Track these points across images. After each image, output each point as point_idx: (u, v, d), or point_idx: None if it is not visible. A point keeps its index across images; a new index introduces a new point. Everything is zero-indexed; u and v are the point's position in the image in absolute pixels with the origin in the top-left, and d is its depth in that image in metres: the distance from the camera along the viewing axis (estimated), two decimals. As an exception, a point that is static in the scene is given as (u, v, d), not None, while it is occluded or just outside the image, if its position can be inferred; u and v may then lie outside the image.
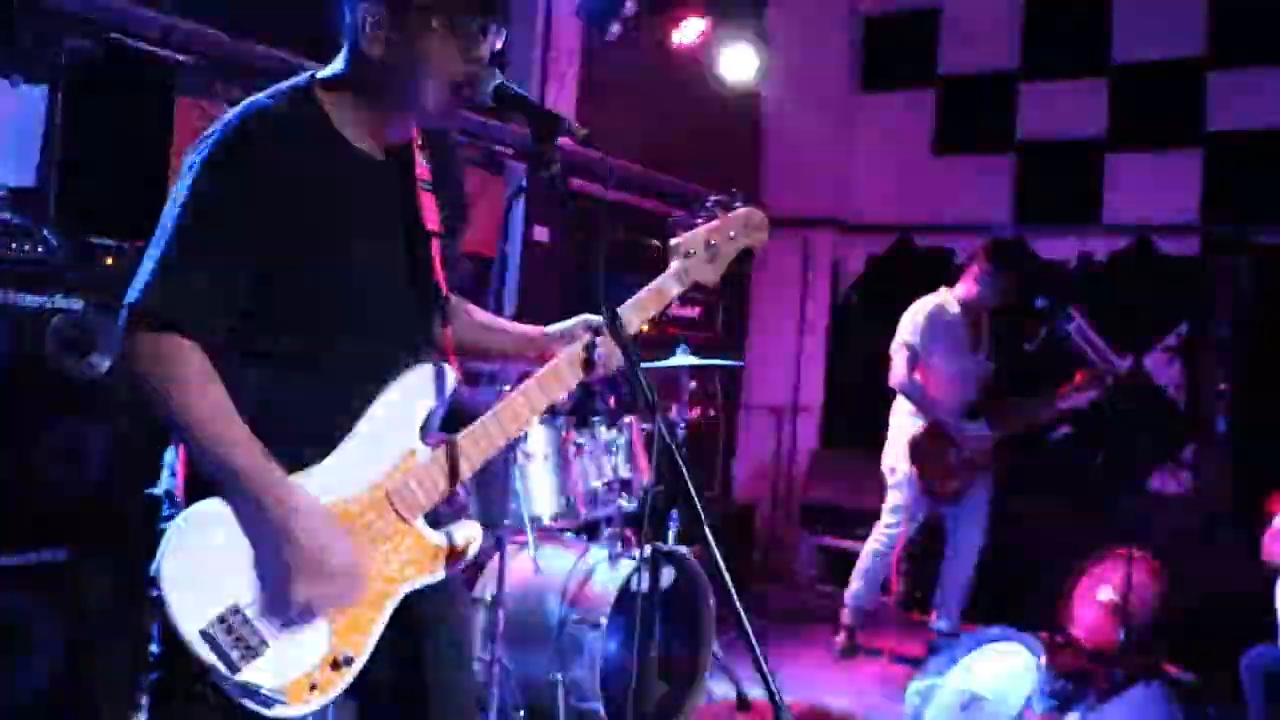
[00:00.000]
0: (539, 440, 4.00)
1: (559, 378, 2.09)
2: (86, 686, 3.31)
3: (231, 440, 1.77)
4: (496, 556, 3.69)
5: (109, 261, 3.60)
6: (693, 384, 4.72)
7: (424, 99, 1.90)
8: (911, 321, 5.27)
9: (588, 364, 2.10)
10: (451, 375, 2.02)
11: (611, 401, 4.40)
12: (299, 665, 1.82)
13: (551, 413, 4.38)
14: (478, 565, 4.08)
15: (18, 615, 3.26)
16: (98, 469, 3.39)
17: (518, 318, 6.11)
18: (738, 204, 2.40)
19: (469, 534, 2.03)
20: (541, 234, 6.20)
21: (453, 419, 2.09)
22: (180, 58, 4.23)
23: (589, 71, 6.38)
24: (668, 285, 2.26)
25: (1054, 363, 6.24)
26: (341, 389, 1.91)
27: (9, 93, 3.94)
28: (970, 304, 5.33)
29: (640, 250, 7.18)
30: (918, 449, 5.20)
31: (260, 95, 1.93)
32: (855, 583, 5.50)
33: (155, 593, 1.75)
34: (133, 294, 1.79)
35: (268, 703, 1.78)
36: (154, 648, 1.84)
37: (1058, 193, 6.97)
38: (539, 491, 3.96)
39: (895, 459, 5.33)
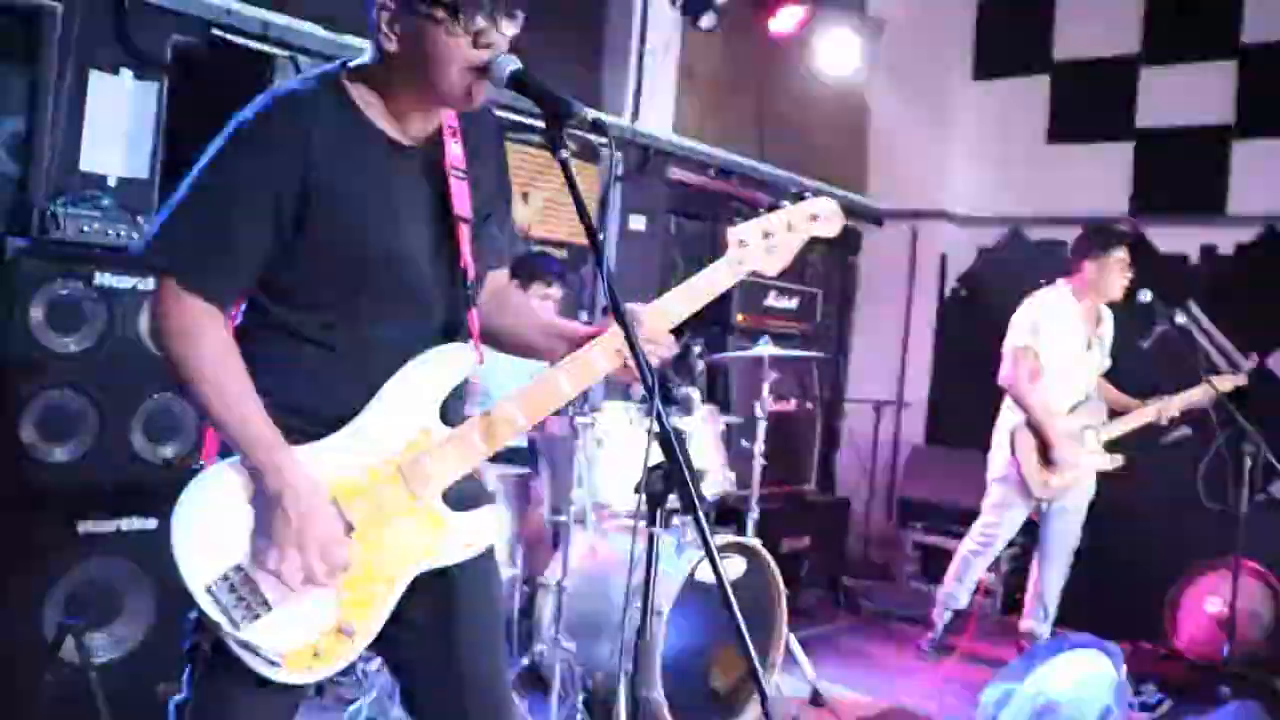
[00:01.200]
0: (610, 427, 4.03)
1: (589, 367, 2.08)
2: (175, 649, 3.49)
3: (240, 408, 1.84)
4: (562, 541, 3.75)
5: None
6: (774, 375, 4.67)
7: (440, 89, 1.93)
8: (1027, 319, 5.10)
9: (620, 354, 2.06)
10: (472, 356, 2.04)
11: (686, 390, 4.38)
12: (303, 632, 1.86)
13: (625, 399, 4.43)
14: (549, 548, 4.15)
15: (112, 580, 3.46)
16: (188, 439, 3.57)
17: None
18: (806, 195, 2.39)
19: (485, 518, 2.05)
20: (638, 223, 6.24)
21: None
22: (279, 52, 4.40)
23: (687, 61, 6.38)
24: (717, 274, 2.24)
25: (1171, 359, 5.98)
26: (362, 366, 1.95)
27: (121, 87, 4.15)
28: (1085, 297, 5.14)
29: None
30: (1021, 446, 5.05)
31: (293, 79, 2.00)
32: (949, 582, 5.39)
33: (172, 549, 1.83)
34: (150, 251, 1.88)
35: (269, 663, 1.83)
36: (192, 613, 1.92)
37: (1179, 182, 6.69)
38: (609, 478, 3.99)
39: (999, 454, 5.19)
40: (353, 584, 1.90)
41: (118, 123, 4.11)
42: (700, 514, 1.74)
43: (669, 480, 1.80)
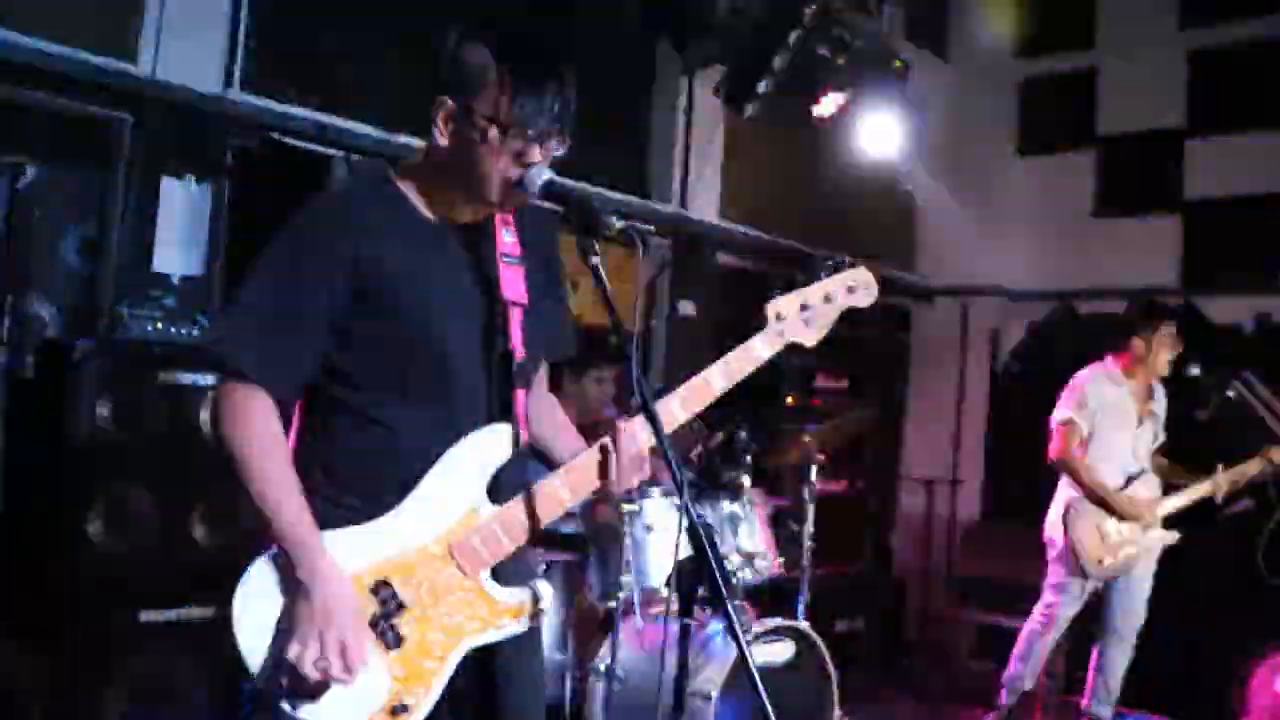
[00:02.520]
0: (658, 512, 4.05)
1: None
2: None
3: (277, 496, 1.92)
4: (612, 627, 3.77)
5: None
6: (821, 456, 4.68)
7: (477, 191, 2.04)
8: (1074, 395, 5.07)
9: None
10: (520, 437, 2.09)
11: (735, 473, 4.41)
12: (358, 710, 1.92)
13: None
14: (599, 634, 4.16)
15: (173, 669, 3.54)
16: (247, 530, 3.66)
17: (665, 391, 6.23)
18: (844, 265, 2.43)
19: (535, 594, 2.08)
20: (687, 308, 6.32)
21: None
22: (333, 152, 4.58)
23: (733, 148, 6.50)
24: (755, 348, 2.30)
25: (1230, 433, 5.89)
26: (413, 445, 2.01)
27: (183, 190, 4.35)
28: (1135, 372, 5.11)
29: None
30: (1076, 523, 4.99)
31: (342, 180, 2.13)
32: (1014, 664, 5.27)
33: (229, 633, 1.91)
34: (214, 347, 2.00)
35: None
36: (246, 685, 1.97)
37: (1230, 252, 6.65)
38: (657, 564, 4.01)
39: (1055, 532, 5.13)
40: (405, 661, 1.96)
41: (182, 224, 4.30)
42: (729, 604, 1.77)
43: (699, 572, 1.84)
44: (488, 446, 2.05)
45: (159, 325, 3.73)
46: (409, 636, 1.96)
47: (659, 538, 4.02)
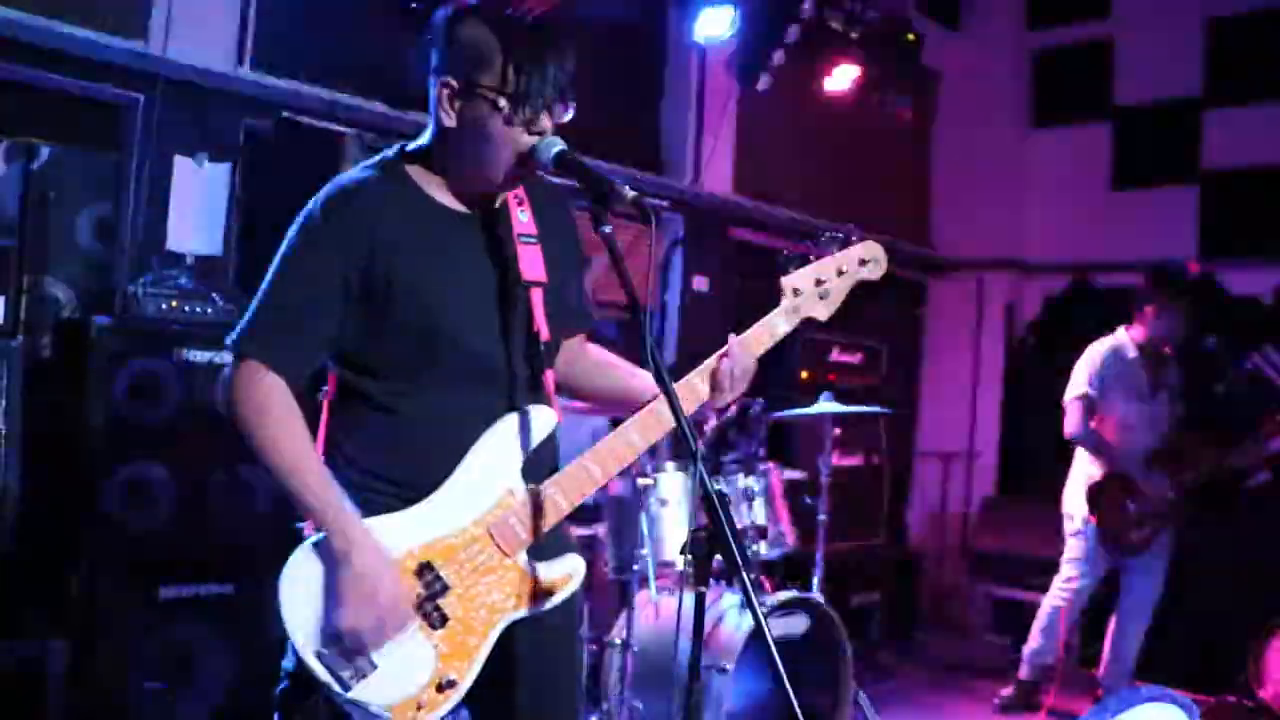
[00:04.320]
0: (673, 486, 4.07)
1: (659, 420, 2.13)
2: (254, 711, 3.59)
3: (302, 472, 1.95)
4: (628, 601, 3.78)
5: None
6: (838, 431, 4.68)
7: (490, 167, 2.04)
8: (1086, 368, 5.05)
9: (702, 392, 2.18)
10: (552, 417, 2.13)
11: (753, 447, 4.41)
12: (407, 686, 1.97)
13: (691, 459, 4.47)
14: (616, 606, 4.18)
15: (192, 644, 3.57)
16: (264, 506, 3.69)
17: (678, 367, 6.26)
18: (853, 238, 2.44)
19: (570, 567, 2.14)
20: (701, 284, 6.31)
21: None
22: (345, 130, 4.57)
23: (746, 123, 6.48)
24: (775, 323, 2.32)
25: (1250, 404, 5.87)
26: (444, 432, 2.04)
27: (198, 170, 4.36)
28: (1148, 344, 5.07)
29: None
30: (1097, 497, 4.97)
31: (353, 169, 2.12)
32: (1035, 638, 5.27)
33: (280, 617, 1.94)
34: (231, 336, 2.02)
35: (378, 718, 1.94)
36: (286, 664, 2.03)
37: (1249, 223, 6.59)
38: (673, 537, 4.02)
39: (1074, 507, 5.11)
40: (450, 638, 2.01)
41: (195, 204, 4.32)
42: (744, 574, 1.78)
43: (713, 541, 1.84)
44: (521, 428, 2.08)
45: (174, 304, 3.74)
46: (453, 615, 2.01)
47: (674, 511, 4.04)
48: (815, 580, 4.51)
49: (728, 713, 3.67)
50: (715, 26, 5.70)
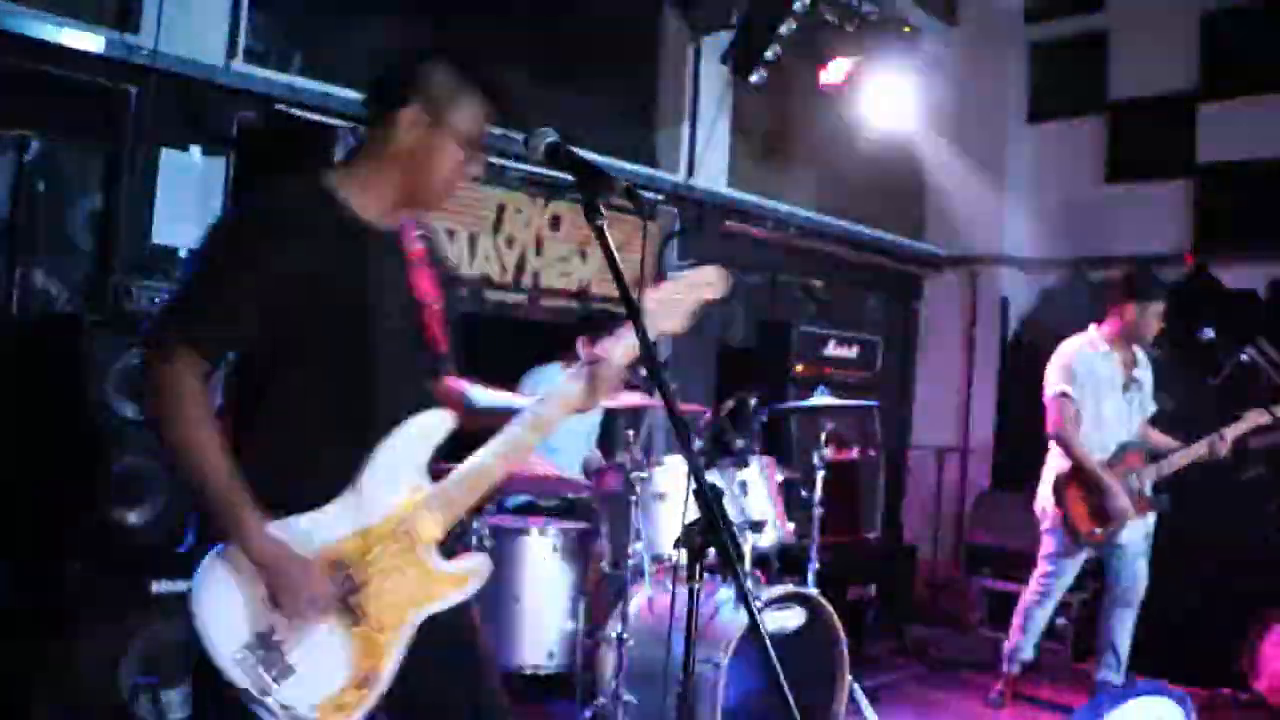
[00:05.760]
0: (668, 480, 4.07)
1: (546, 417, 2.24)
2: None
3: (218, 476, 1.98)
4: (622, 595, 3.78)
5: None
6: (830, 424, 4.68)
7: (432, 193, 2.21)
8: (1059, 368, 5.06)
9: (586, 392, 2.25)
10: (449, 419, 2.22)
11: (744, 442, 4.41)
12: (327, 686, 2.01)
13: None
14: (611, 600, 4.17)
15: (180, 640, 3.55)
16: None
17: (674, 359, 6.21)
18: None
19: (474, 564, 2.23)
20: (695, 278, 6.28)
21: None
22: (338, 123, 4.56)
23: (740, 117, 6.46)
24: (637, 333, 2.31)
25: (1243, 398, 5.86)
26: (354, 436, 2.12)
27: (188, 162, 4.34)
28: (1118, 341, 5.08)
29: (807, 290, 7.20)
30: (1063, 492, 4.98)
31: (276, 179, 2.17)
32: (1014, 634, 5.28)
33: (192, 625, 1.95)
34: (152, 328, 2.08)
35: None
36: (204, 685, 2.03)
37: (1244, 217, 6.59)
38: (668, 531, 4.02)
39: (1046, 503, 5.12)
40: (365, 636, 2.06)
41: (187, 197, 4.30)
42: (739, 568, 1.77)
43: (707, 535, 1.83)
44: (424, 432, 2.18)
45: (166, 298, 3.72)
46: (366, 613, 2.07)
47: (669, 505, 4.03)
48: (810, 574, 4.51)
49: (722, 707, 3.66)
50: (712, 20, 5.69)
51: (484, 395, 2.42)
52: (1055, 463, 5.08)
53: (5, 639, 3.39)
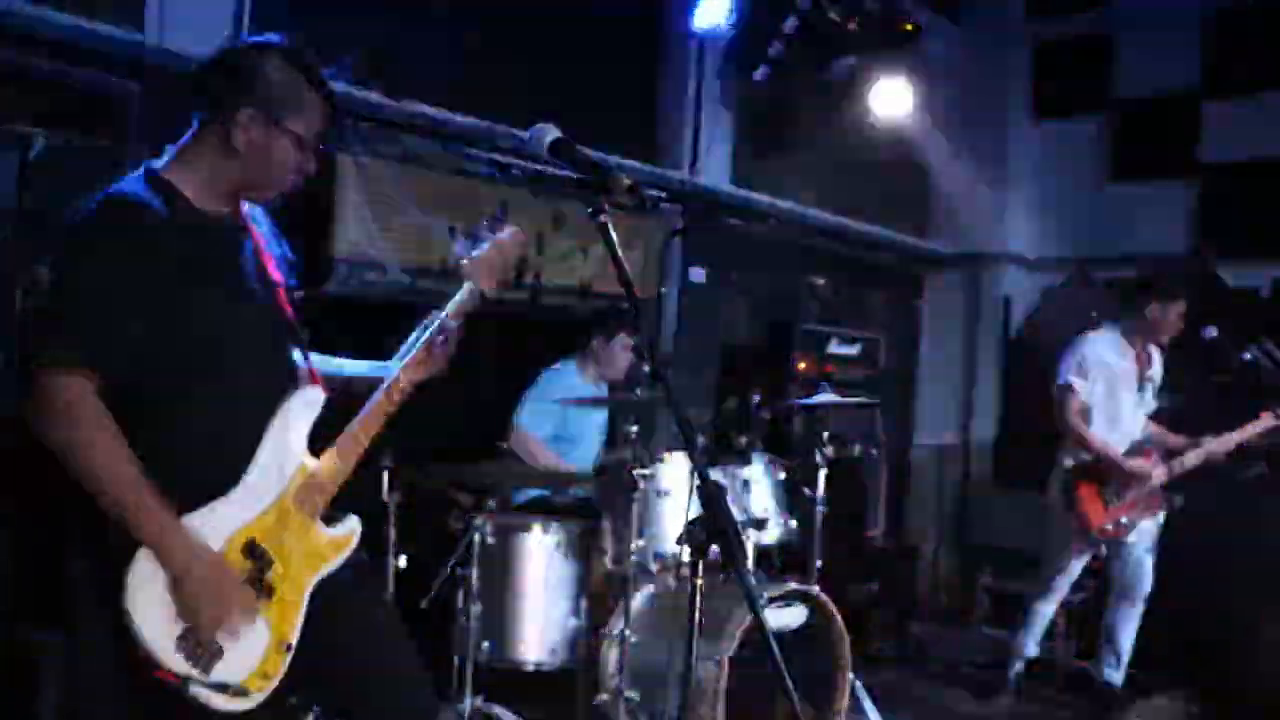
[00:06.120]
0: (672, 476, 4.07)
1: (402, 386, 2.44)
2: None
3: (129, 486, 2.01)
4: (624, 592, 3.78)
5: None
6: (832, 422, 4.68)
7: (272, 186, 2.28)
8: (1072, 360, 5.06)
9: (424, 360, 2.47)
10: (320, 395, 2.34)
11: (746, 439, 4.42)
12: (253, 657, 2.14)
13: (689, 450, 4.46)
14: (614, 597, 4.17)
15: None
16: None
17: (677, 356, 6.22)
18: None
19: (350, 526, 2.39)
20: (698, 275, 6.30)
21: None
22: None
23: (743, 115, 6.46)
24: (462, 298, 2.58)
25: (1246, 397, 5.85)
26: (235, 422, 2.20)
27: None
28: (1135, 338, 5.08)
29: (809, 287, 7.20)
30: (1075, 487, 4.98)
31: (117, 182, 2.18)
32: (1019, 632, 5.29)
33: (128, 623, 2.01)
34: (34, 348, 2.04)
35: (242, 692, 2.10)
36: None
37: (1247, 216, 6.58)
38: (671, 527, 4.02)
39: (1054, 499, 5.13)
40: (277, 605, 2.22)
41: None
42: (741, 565, 1.78)
43: (711, 532, 1.84)
44: (303, 409, 2.31)
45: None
46: (278, 585, 2.21)
47: (673, 502, 4.03)
48: (812, 571, 4.51)
49: (725, 705, 3.66)
50: (713, 16, 5.69)
51: (341, 364, 2.55)
52: (1064, 457, 5.07)
53: (10, 629, 3.39)
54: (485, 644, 3.82)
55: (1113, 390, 5.02)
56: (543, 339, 5.17)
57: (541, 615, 3.97)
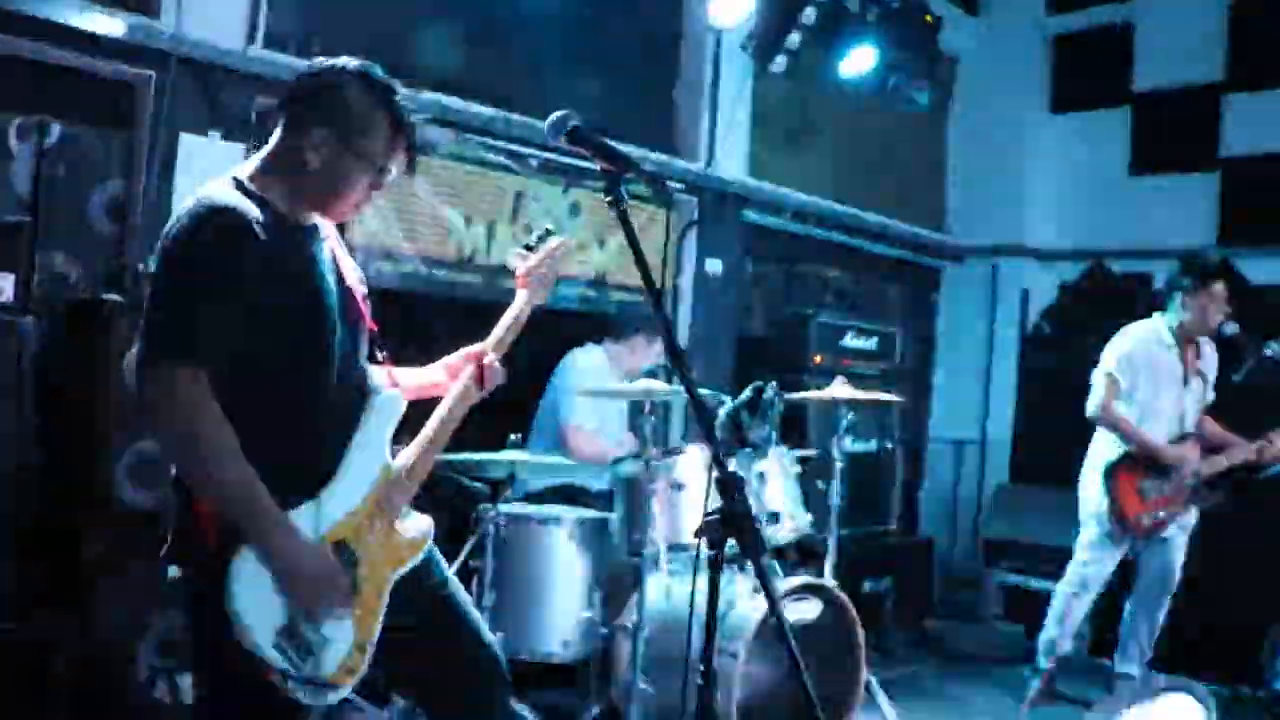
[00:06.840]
0: (689, 470, 4.04)
1: (466, 393, 2.55)
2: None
3: (248, 485, 2.05)
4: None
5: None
6: (851, 415, 4.65)
7: (344, 207, 2.33)
8: (1117, 350, 4.99)
9: (480, 383, 2.57)
10: (402, 400, 2.40)
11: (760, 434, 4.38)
12: (339, 654, 2.19)
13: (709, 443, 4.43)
14: (629, 590, 4.16)
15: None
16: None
17: (692, 349, 6.19)
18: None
19: (423, 528, 2.44)
20: (714, 266, 6.28)
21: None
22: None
23: (760, 106, 6.43)
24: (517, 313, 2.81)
25: (1267, 393, 5.79)
26: (329, 423, 2.25)
27: (208, 148, 4.33)
28: (1182, 331, 5.02)
29: (822, 281, 7.17)
30: (1113, 479, 4.92)
31: (209, 189, 2.16)
32: (1050, 627, 5.17)
33: (234, 622, 2.03)
34: (153, 347, 2.04)
35: (331, 687, 2.15)
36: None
37: (1270, 211, 6.52)
38: (687, 520, 4.00)
39: (1090, 489, 5.05)
40: (363, 604, 2.27)
41: (206, 182, 4.28)
42: (759, 558, 1.76)
43: (728, 525, 1.82)
44: (386, 411, 2.37)
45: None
46: (364, 584, 2.26)
47: (689, 495, 4.01)
48: (828, 566, 4.48)
49: (739, 698, 3.64)
50: (731, 8, 5.66)
51: (406, 375, 2.59)
52: (1103, 449, 5.00)
53: (24, 622, 3.40)
54: (498, 635, 3.80)
55: (1155, 384, 4.94)
56: (558, 329, 5.15)
57: (555, 607, 3.96)
